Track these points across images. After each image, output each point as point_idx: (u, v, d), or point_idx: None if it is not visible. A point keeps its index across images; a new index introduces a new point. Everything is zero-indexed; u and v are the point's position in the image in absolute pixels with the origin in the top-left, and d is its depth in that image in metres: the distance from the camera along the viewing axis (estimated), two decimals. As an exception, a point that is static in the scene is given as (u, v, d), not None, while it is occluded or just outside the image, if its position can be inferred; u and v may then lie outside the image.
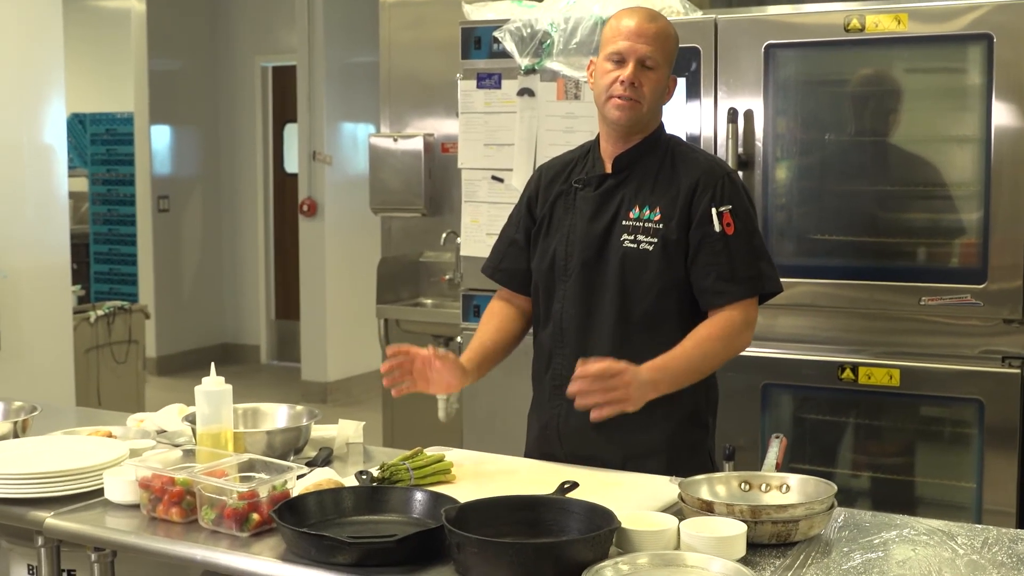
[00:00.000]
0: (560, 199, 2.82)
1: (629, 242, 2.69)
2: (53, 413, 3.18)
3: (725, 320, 2.65)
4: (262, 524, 2.23)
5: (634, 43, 2.67)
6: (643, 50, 2.67)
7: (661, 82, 2.71)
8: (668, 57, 2.72)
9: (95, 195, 10.07)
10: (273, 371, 9.50)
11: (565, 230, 2.78)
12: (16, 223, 5.25)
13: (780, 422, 3.73)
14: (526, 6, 4.13)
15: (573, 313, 2.75)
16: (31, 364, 5.29)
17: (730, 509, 2.15)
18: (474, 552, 1.98)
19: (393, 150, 5.65)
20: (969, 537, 2.20)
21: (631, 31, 2.68)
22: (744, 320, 2.66)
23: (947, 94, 3.60)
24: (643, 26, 2.68)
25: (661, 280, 2.67)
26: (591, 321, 2.73)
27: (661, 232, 2.67)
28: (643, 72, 2.67)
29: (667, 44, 2.71)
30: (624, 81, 2.66)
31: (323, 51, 8.31)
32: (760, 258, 2.70)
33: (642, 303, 2.69)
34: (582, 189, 2.79)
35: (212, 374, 2.57)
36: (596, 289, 2.73)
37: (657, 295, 2.68)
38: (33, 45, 5.33)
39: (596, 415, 2.48)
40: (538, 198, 2.87)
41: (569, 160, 2.88)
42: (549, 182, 2.86)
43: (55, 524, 2.36)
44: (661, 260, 2.67)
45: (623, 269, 2.69)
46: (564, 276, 2.77)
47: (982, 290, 3.40)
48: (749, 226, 2.69)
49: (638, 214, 2.70)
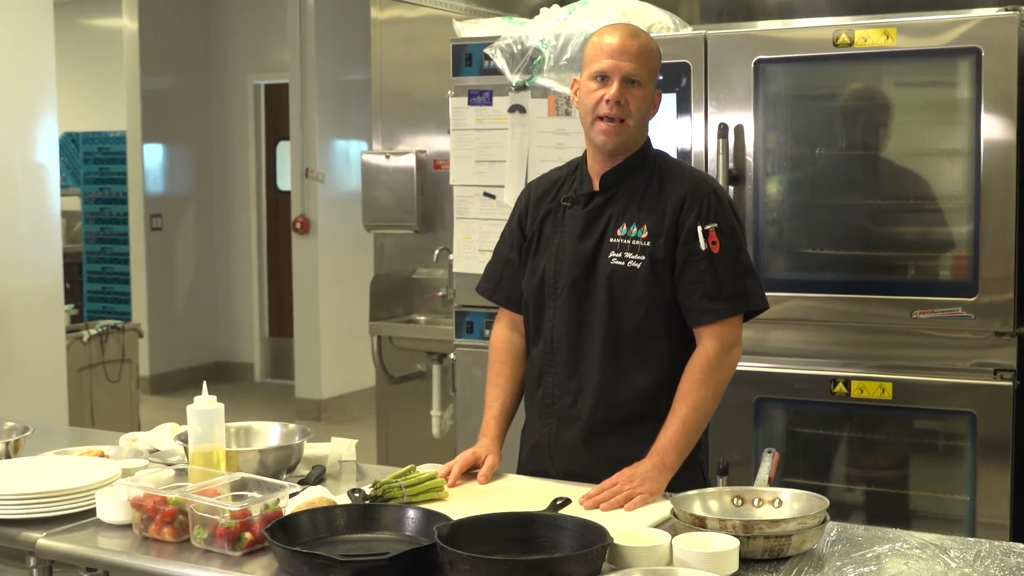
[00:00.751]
0: (549, 217, 2.82)
1: (617, 260, 2.69)
2: (45, 433, 3.17)
3: (702, 359, 2.64)
4: (254, 543, 2.22)
5: (617, 61, 2.66)
6: (627, 68, 2.66)
7: (647, 98, 2.70)
8: (652, 73, 2.71)
9: (88, 214, 10.07)
10: (267, 389, 9.49)
11: (554, 248, 2.78)
12: (8, 242, 5.24)
13: (773, 436, 3.73)
14: (517, 23, 4.14)
15: (564, 332, 2.75)
16: (24, 384, 5.28)
17: (723, 524, 2.15)
18: (467, 569, 1.98)
19: (385, 167, 5.65)
20: (962, 550, 2.20)
21: (614, 48, 2.67)
22: (722, 346, 2.64)
23: (936, 108, 3.61)
24: (626, 43, 2.67)
25: (649, 297, 2.67)
26: (581, 339, 2.73)
27: (648, 249, 2.66)
28: (628, 90, 2.66)
29: (651, 60, 2.70)
30: (610, 100, 2.65)
31: (315, 68, 8.32)
32: (746, 275, 2.69)
33: (631, 320, 2.68)
34: (571, 207, 2.78)
35: (204, 393, 2.56)
36: (585, 307, 2.72)
37: (646, 312, 2.67)
38: (25, 64, 5.33)
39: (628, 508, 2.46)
40: (528, 216, 2.87)
41: (558, 178, 2.87)
42: (538, 200, 2.86)
43: (47, 544, 2.35)
44: (649, 277, 2.66)
45: (611, 287, 2.69)
46: (554, 295, 2.76)
47: (973, 303, 3.41)
48: (735, 243, 2.69)
49: (625, 231, 2.70)
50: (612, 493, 2.48)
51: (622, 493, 2.47)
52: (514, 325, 2.91)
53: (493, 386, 2.88)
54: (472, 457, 2.71)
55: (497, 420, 2.83)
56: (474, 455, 2.72)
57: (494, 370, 2.90)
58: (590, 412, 2.72)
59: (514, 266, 2.89)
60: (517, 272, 2.87)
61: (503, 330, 2.93)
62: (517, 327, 2.90)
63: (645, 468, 2.54)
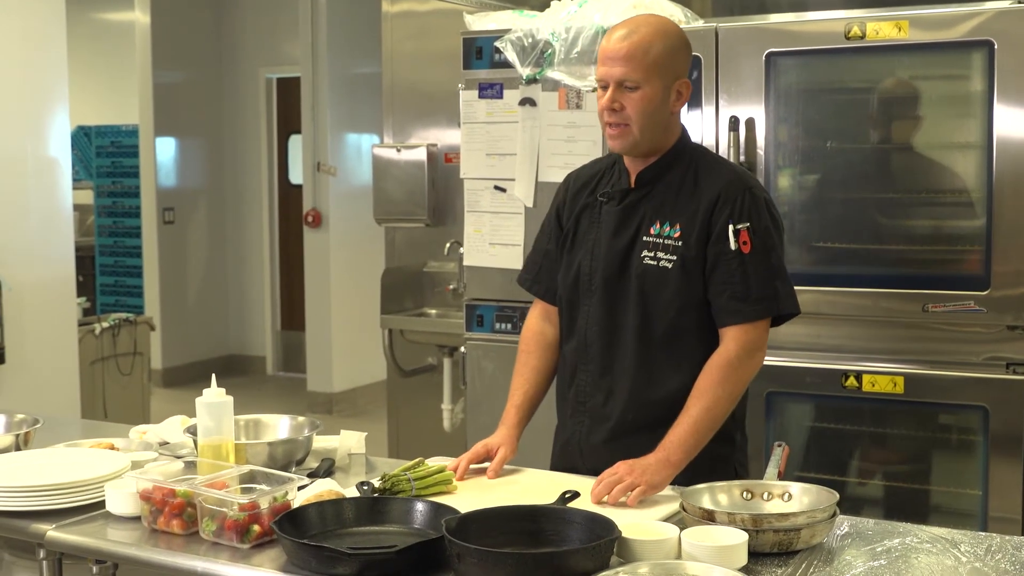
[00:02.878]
0: (586, 212, 2.78)
1: (649, 259, 2.65)
2: (55, 425, 3.18)
3: (723, 359, 2.59)
4: (263, 535, 2.22)
5: (609, 67, 2.61)
6: (617, 72, 2.60)
7: (650, 98, 2.61)
8: (653, 69, 2.60)
9: (100, 207, 10.09)
10: (279, 382, 9.51)
11: (590, 244, 2.75)
12: (21, 235, 5.26)
13: (784, 430, 3.72)
14: (527, 16, 4.13)
15: (597, 330, 2.72)
16: (36, 376, 5.30)
17: (731, 518, 2.15)
18: (474, 562, 1.98)
19: (396, 160, 5.65)
20: (972, 544, 2.19)
21: (605, 54, 2.62)
22: (744, 348, 2.60)
23: (949, 101, 3.60)
24: (615, 47, 2.61)
25: (681, 297, 2.63)
26: (614, 338, 2.70)
27: (680, 249, 2.63)
28: (623, 94, 2.61)
29: (647, 58, 2.59)
30: (605, 107, 2.62)
31: (326, 62, 8.33)
32: (776, 278, 2.63)
33: (663, 320, 2.64)
34: (606, 203, 2.75)
35: (213, 386, 2.56)
36: (618, 306, 2.69)
37: (677, 312, 2.64)
38: (37, 58, 5.34)
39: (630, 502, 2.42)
40: (565, 208, 2.84)
41: (597, 171, 2.83)
42: (576, 193, 2.82)
43: (57, 536, 2.36)
44: (680, 278, 2.62)
45: (643, 286, 2.65)
46: (588, 292, 2.74)
47: (986, 297, 3.40)
48: (768, 244, 2.63)
49: (658, 230, 2.66)
50: (613, 483, 2.43)
51: (624, 483, 2.43)
52: (547, 316, 2.88)
53: (518, 375, 2.85)
54: (484, 450, 2.69)
55: (518, 409, 2.79)
56: (486, 448, 2.70)
57: (521, 360, 2.87)
58: (621, 412, 2.69)
59: (552, 258, 2.86)
60: (555, 264, 2.85)
61: (536, 321, 2.91)
62: (551, 319, 2.88)
63: (649, 462, 2.50)
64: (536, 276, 2.92)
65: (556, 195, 2.91)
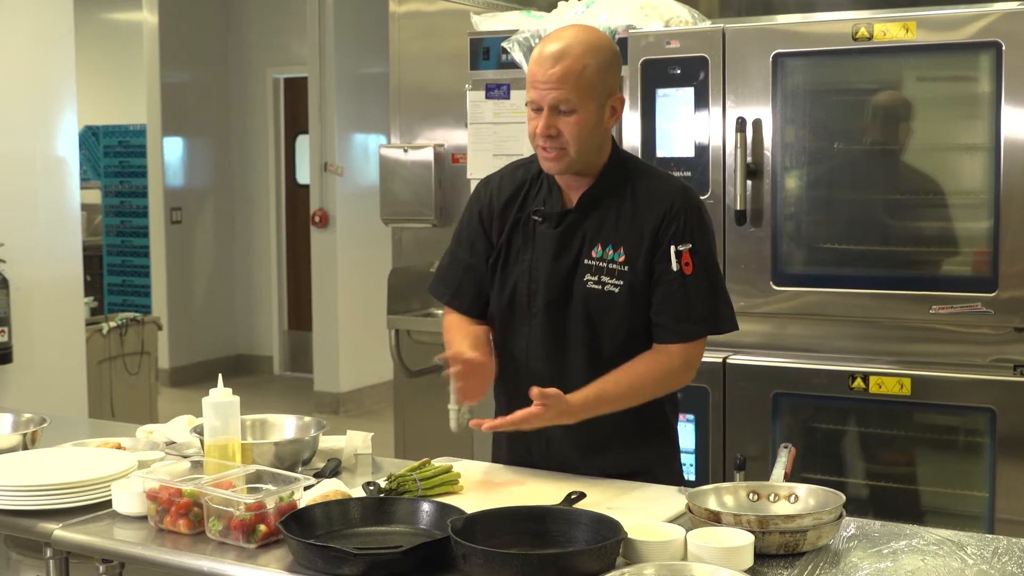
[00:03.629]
0: (517, 229, 2.68)
1: (593, 283, 2.60)
2: (62, 425, 3.19)
3: (666, 362, 2.59)
4: (269, 535, 2.23)
5: (541, 91, 2.52)
6: (552, 96, 2.51)
7: (585, 121, 2.53)
8: (587, 91, 2.51)
9: (108, 207, 10.11)
10: (286, 382, 9.52)
11: (525, 266, 2.66)
12: (29, 235, 5.27)
13: (791, 431, 3.72)
14: (535, 17, 4.14)
15: (540, 353, 2.66)
16: (44, 376, 5.31)
17: (737, 519, 2.14)
18: (480, 563, 1.98)
19: (403, 161, 5.65)
20: (979, 547, 2.19)
21: (537, 77, 2.52)
22: (685, 362, 2.60)
23: (956, 102, 3.59)
24: (548, 71, 2.50)
25: (629, 321, 2.60)
26: (562, 362, 2.65)
27: (627, 275, 2.59)
28: (559, 119, 2.52)
29: (581, 80, 2.50)
30: (540, 134, 2.53)
31: (334, 62, 8.34)
32: (716, 297, 2.62)
33: (612, 342, 2.62)
34: (541, 223, 2.65)
35: (219, 386, 2.57)
36: (564, 329, 2.64)
37: (627, 335, 2.62)
38: (45, 58, 5.35)
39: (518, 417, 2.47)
40: (493, 222, 2.71)
41: (521, 181, 2.71)
42: (503, 207, 2.70)
43: (63, 536, 2.36)
44: (628, 302, 2.59)
45: (588, 310, 2.61)
46: (527, 314, 2.66)
47: (993, 298, 3.39)
48: (708, 264, 2.61)
49: (600, 253, 2.60)
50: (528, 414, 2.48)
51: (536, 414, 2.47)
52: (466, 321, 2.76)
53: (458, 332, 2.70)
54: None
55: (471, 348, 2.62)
56: None
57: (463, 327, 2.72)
58: (578, 434, 2.62)
59: (475, 272, 2.74)
60: (481, 278, 2.73)
61: (454, 315, 2.79)
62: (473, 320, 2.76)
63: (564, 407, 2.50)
64: (456, 291, 2.77)
65: (474, 205, 2.77)
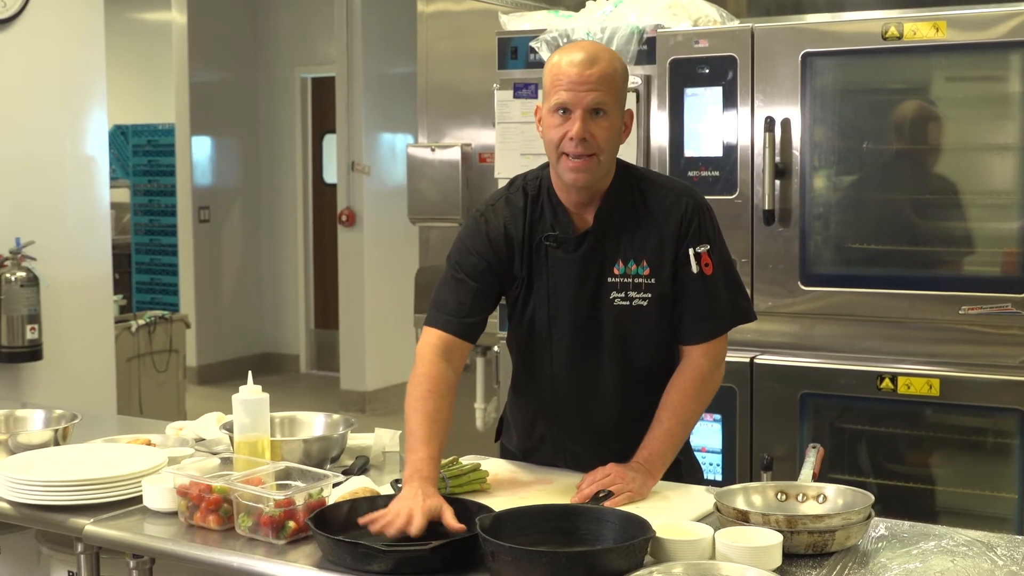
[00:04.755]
0: (534, 258, 2.59)
1: (620, 300, 2.57)
2: (93, 421, 3.21)
3: (695, 374, 2.59)
4: (298, 532, 2.24)
5: (577, 92, 2.44)
6: (589, 98, 2.44)
7: (614, 126, 2.49)
8: (619, 97, 2.50)
9: (137, 206, 10.16)
10: (312, 380, 9.55)
11: (543, 293, 2.60)
12: (59, 234, 5.30)
13: (818, 432, 3.71)
14: (563, 16, 4.14)
15: (567, 377, 2.64)
16: (73, 373, 5.34)
17: (766, 519, 2.14)
18: (508, 560, 1.98)
19: (431, 160, 5.66)
20: (1009, 548, 2.18)
21: (571, 79, 2.44)
22: (712, 361, 2.61)
23: (986, 102, 3.57)
24: (585, 72, 2.44)
25: (659, 332, 2.60)
26: (591, 382, 2.64)
27: (654, 287, 2.57)
28: (593, 122, 2.45)
29: (615, 83, 2.48)
30: (575, 137, 2.44)
31: (361, 62, 8.35)
32: (736, 292, 2.63)
33: (641, 356, 2.62)
34: (556, 247, 2.57)
35: (249, 383, 2.58)
36: (591, 349, 2.62)
37: (656, 346, 2.62)
38: (76, 57, 5.38)
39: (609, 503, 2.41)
40: (513, 252, 2.59)
41: (522, 208, 2.60)
42: (521, 237, 2.59)
43: (94, 531, 2.38)
44: (657, 314, 2.58)
45: (618, 327, 2.59)
46: (548, 342, 2.62)
47: (1023, 299, 3.37)
48: (725, 261, 2.61)
49: (623, 269, 2.57)
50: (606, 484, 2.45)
51: (616, 485, 2.44)
52: (450, 354, 2.58)
53: (425, 423, 2.46)
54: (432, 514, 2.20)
55: (433, 462, 2.39)
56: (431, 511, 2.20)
57: (425, 404, 2.49)
58: (609, 449, 2.62)
59: (486, 297, 2.60)
60: (488, 304, 2.61)
61: (438, 360, 2.57)
62: (451, 359, 2.58)
63: (635, 474, 2.49)
64: (463, 318, 2.58)
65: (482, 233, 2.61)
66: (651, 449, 2.54)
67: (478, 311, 2.60)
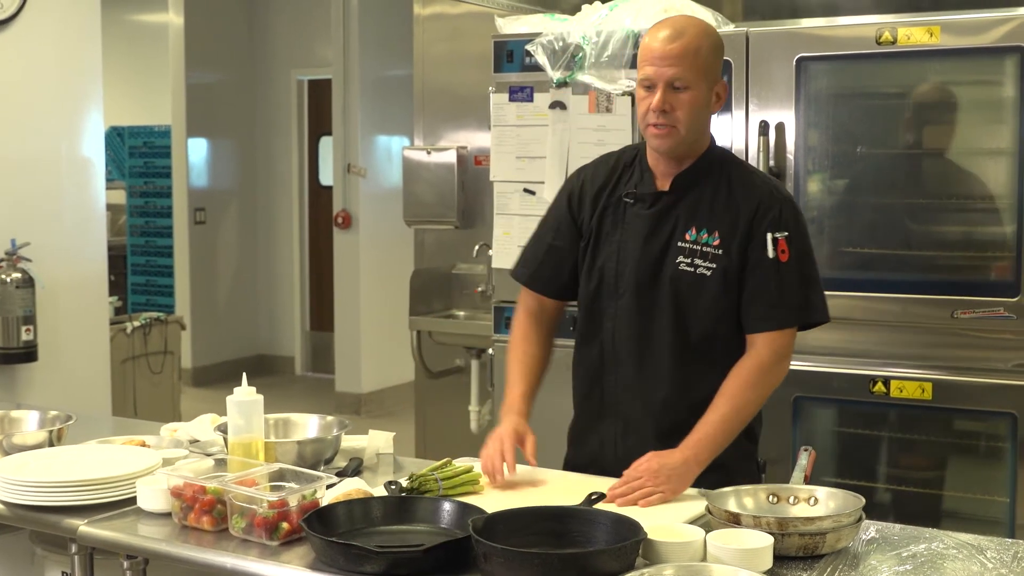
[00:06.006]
0: (608, 212, 2.73)
1: (685, 265, 2.64)
2: (88, 422, 3.21)
3: (755, 363, 2.61)
4: (292, 533, 2.25)
5: (659, 67, 2.57)
6: (669, 73, 2.57)
7: (698, 100, 2.60)
8: (702, 71, 2.59)
9: (132, 207, 10.16)
10: (307, 382, 9.55)
11: (614, 247, 2.71)
12: (54, 234, 5.30)
13: (811, 435, 3.72)
14: (558, 19, 4.14)
15: (627, 335, 2.70)
16: (68, 374, 5.34)
17: (757, 521, 2.15)
18: (500, 562, 1.99)
19: (426, 163, 5.67)
20: (999, 551, 2.19)
21: (654, 54, 2.58)
22: (774, 353, 2.62)
23: (980, 107, 3.59)
24: (666, 47, 2.57)
25: (718, 305, 2.63)
26: (646, 343, 2.68)
27: (720, 258, 2.62)
28: (674, 95, 2.58)
29: (697, 59, 2.58)
30: (655, 109, 2.58)
31: (358, 64, 8.36)
32: (810, 287, 2.65)
33: (699, 326, 2.64)
34: (633, 204, 2.71)
35: (243, 384, 2.59)
36: (651, 311, 2.67)
37: (715, 319, 2.64)
38: (72, 58, 5.39)
39: (643, 505, 2.43)
40: (582, 207, 2.78)
41: (613, 167, 2.78)
42: (596, 192, 2.76)
43: (88, 532, 2.39)
44: (720, 285, 2.62)
45: (677, 292, 2.64)
46: (614, 295, 2.71)
47: (1016, 303, 3.38)
48: (803, 253, 2.64)
49: (695, 236, 2.64)
50: (632, 488, 2.45)
51: (643, 489, 2.45)
52: (538, 314, 2.85)
53: (519, 363, 2.81)
54: (515, 438, 2.64)
55: (523, 398, 2.75)
56: (515, 434, 2.65)
57: (520, 348, 2.83)
58: (657, 419, 2.67)
59: (559, 253, 2.80)
60: (563, 260, 2.79)
61: (527, 316, 2.86)
62: (541, 314, 2.85)
63: (675, 461, 2.50)
64: (535, 272, 2.84)
65: (566, 190, 2.84)
66: (701, 433, 2.56)
67: (550, 265, 2.82)
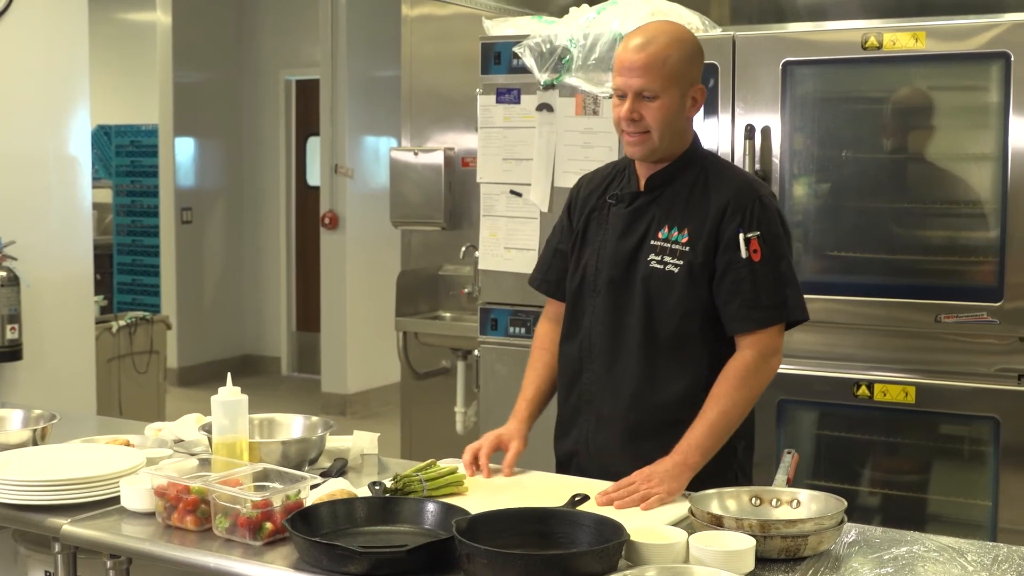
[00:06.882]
0: (595, 214, 2.82)
1: (656, 262, 2.68)
2: (72, 421, 3.21)
3: (739, 365, 2.63)
4: (275, 533, 2.25)
5: (627, 78, 2.64)
6: (636, 83, 2.62)
7: (668, 107, 2.64)
8: (671, 79, 2.63)
9: (119, 206, 10.14)
10: (293, 383, 9.54)
11: (596, 245, 2.78)
12: (40, 233, 5.29)
13: (795, 438, 3.73)
14: (546, 22, 4.15)
15: (601, 330, 2.75)
16: (53, 373, 5.32)
17: (739, 523, 2.16)
18: (484, 563, 1.99)
19: (414, 164, 5.68)
20: (979, 554, 2.20)
21: (623, 64, 2.64)
22: (759, 353, 2.63)
23: (965, 112, 3.60)
24: (634, 58, 2.63)
25: (685, 302, 2.66)
26: (618, 340, 2.72)
27: (687, 255, 2.65)
28: (643, 104, 2.64)
29: (665, 68, 2.61)
30: (624, 118, 2.65)
31: (346, 65, 8.36)
32: (786, 285, 2.66)
33: (667, 325, 2.67)
34: (615, 205, 2.78)
35: (228, 384, 2.59)
36: (623, 308, 2.72)
37: (681, 317, 2.66)
38: (59, 57, 5.37)
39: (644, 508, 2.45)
40: (576, 209, 2.88)
41: (608, 174, 2.87)
42: (587, 195, 2.86)
43: (72, 531, 2.38)
44: (686, 283, 2.65)
45: (648, 289, 2.68)
46: (593, 292, 2.77)
47: (999, 308, 3.40)
48: (777, 252, 2.65)
49: (667, 234, 2.69)
50: (628, 492, 2.48)
51: (638, 492, 2.47)
52: (557, 317, 2.91)
53: (531, 370, 2.92)
54: (497, 441, 2.75)
55: (529, 403, 2.86)
56: (499, 438, 2.75)
57: (534, 356, 2.94)
58: (625, 415, 2.71)
59: (563, 256, 2.90)
60: (565, 264, 2.88)
61: (547, 323, 2.97)
62: (559, 324, 2.90)
63: (666, 466, 2.53)
64: (545, 275, 2.96)
65: (569, 196, 2.95)
66: (690, 439, 2.58)
67: (556, 268, 2.92)
